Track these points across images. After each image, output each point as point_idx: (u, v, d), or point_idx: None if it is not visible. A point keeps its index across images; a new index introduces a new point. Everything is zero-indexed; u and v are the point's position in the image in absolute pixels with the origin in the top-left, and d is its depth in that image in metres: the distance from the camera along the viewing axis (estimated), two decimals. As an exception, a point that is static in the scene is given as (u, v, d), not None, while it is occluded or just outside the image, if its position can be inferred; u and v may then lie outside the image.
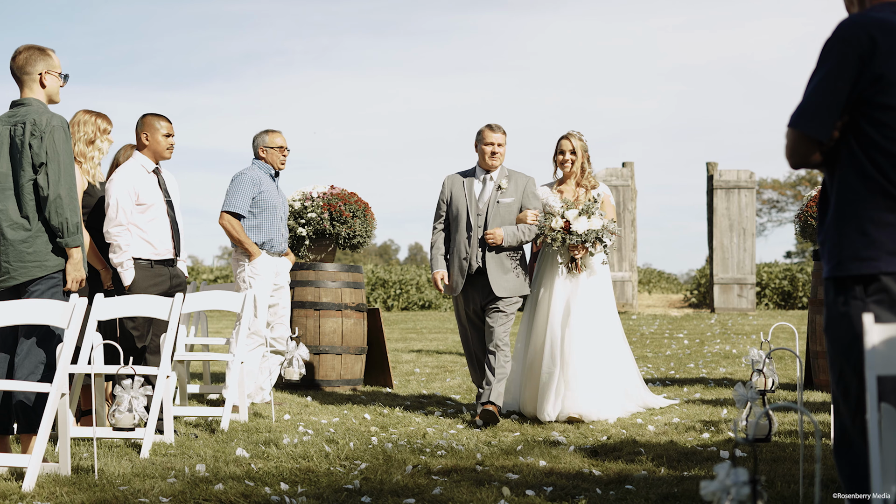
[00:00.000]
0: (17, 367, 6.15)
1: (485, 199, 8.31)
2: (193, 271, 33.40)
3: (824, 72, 3.46)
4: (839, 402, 3.46)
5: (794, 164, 3.54)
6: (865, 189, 3.41)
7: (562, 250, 8.26)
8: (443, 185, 8.51)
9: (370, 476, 5.91)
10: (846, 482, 3.42)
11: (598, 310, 8.36)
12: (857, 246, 3.40)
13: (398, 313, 27.55)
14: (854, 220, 3.42)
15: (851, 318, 3.36)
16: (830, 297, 3.47)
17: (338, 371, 10.40)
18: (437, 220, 8.51)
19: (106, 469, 5.99)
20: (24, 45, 6.52)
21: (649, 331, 18.05)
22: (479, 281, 8.27)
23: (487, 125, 8.35)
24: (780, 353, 12.80)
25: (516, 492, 5.52)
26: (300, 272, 10.35)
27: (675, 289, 33.98)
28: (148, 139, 7.73)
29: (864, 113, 3.43)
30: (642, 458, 6.46)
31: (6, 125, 6.37)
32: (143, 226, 7.59)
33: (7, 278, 6.27)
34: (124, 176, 7.60)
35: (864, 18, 3.46)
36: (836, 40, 3.46)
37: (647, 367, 12.30)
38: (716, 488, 3.05)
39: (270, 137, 9.17)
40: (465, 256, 8.26)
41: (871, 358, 3.13)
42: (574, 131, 8.51)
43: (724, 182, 23.19)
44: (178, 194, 7.96)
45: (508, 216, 8.30)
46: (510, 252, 8.28)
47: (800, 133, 3.47)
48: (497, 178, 8.34)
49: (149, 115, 7.79)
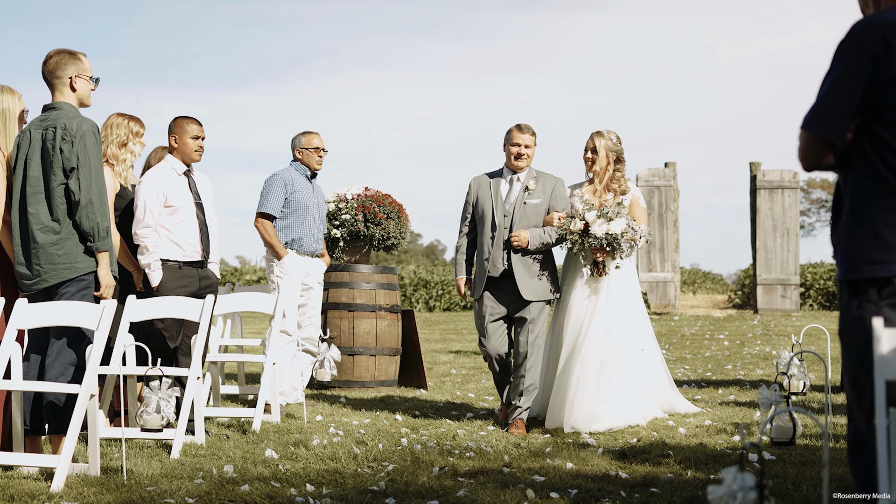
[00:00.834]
0: (48, 368, 6.22)
1: (511, 201, 8.06)
2: (237, 272, 33.62)
3: (837, 73, 3.43)
4: (853, 405, 3.43)
5: (807, 166, 3.52)
6: (879, 191, 3.38)
7: (584, 253, 7.97)
8: (469, 186, 8.29)
9: (396, 478, 5.93)
10: (859, 485, 3.39)
11: (621, 315, 8.03)
12: (870, 249, 3.37)
13: (440, 314, 27.57)
14: (867, 223, 3.39)
15: (865, 322, 3.34)
16: (844, 300, 3.44)
17: (372, 372, 10.43)
18: (464, 223, 8.30)
19: (135, 470, 6.04)
20: (55, 49, 6.59)
21: (690, 332, 17.96)
22: (506, 285, 8.02)
23: (516, 125, 8.10)
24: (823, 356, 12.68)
25: (540, 494, 5.51)
26: (334, 273, 10.40)
27: (720, 289, 33.81)
28: (177, 141, 7.80)
29: (878, 115, 3.40)
30: (670, 461, 6.43)
31: (38, 129, 6.44)
32: (171, 227, 7.66)
33: (39, 281, 6.34)
34: (153, 178, 7.69)
35: (879, 20, 3.43)
36: (850, 42, 3.43)
37: (684, 369, 12.22)
38: (722, 493, 3.04)
39: (307, 139, 9.28)
40: (486, 257, 8.02)
41: (881, 363, 3.10)
42: (605, 130, 8.18)
43: (768, 182, 23.02)
44: (210, 196, 8.01)
45: (535, 218, 8.05)
46: (537, 255, 8.02)
47: (813, 135, 3.44)
48: (525, 180, 8.09)
49: (178, 118, 7.85)
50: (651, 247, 23.20)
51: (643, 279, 23.22)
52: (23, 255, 6.38)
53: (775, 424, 5.05)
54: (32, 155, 6.41)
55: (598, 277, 7.96)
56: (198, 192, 7.84)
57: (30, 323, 6.15)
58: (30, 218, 6.35)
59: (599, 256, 7.90)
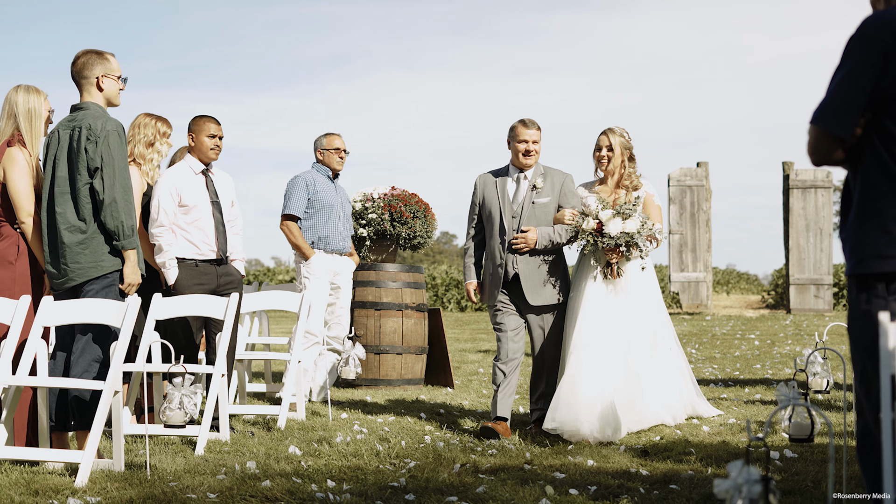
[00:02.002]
0: (73, 364, 6.30)
1: (519, 200, 7.68)
2: (270, 272, 33.77)
3: (848, 69, 3.43)
4: (862, 400, 3.44)
5: (816, 161, 3.52)
6: (888, 186, 3.38)
7: (597, 254, 7.60)
8: (475, 185, 7.88)
9: (417, 474, 5.96)
10: (869, 481, 3.39)
11: (642, 317, 7.67)
12: (879, 244, 3.37)
13: (471, 314, 27.57)
14: (876, 218, 3.40)
15: (873, 317, 3.34)
16: (853, 295, 3.45)
17: (398, 371, 10.48)
18: (471, 225, 7.92)
19: (159, 466, 6.10)
20: (83, 49, 6.66)
21: (721, 332, 17.88)
22: (515, 289, 7.65)
23: (520, 121, 7.72)
24: (845, 354, 12.60)
25: (560, 490, 5.52)
26: (361, 272, 10.45)
27: (755, 289, 33.65)
28: (195, 140, 7.87)
29: (887, 110, 3.40)
30: (691, 459, 6.44)
31: (66, 129, 6.52)
32: (186, 226, 7.73)
33: (66, 280, 6.42)
34: (168, 177, 7.78)
35: (889, 16, 3.43)
36: (861, 37, 3.43)
37: (712, 368, 12.19)
38: (728, 486, 3.05)
39: (328, 140, 9.43)
40: (499, 263, 7.63)
41: (888, 357, 3.10)
42: (616, 127, 7.86)
43: (801, 182, 22.89)
44: (231, 194, 8.03)
45: (545, 217, 7.67)
46: (546, 255, 7.65)
47: (822, 130, 3.45)
48: (532, 177, 7.71)
49: (196, 117, 7.93)
50: (683, 247, 23.13)
51: (675, 279, 23.15)
52: (50, 255, 6.46)
53: (793, 421, 5.04)
54: (60, 155, 6.49)
55: (613, 279, 7.58)
56: (216, 190, 7.89)
57: (55, 320, 6.23)
58: (57, 218, 6.43)
59: (613, 258, 7.53)
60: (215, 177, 7.95)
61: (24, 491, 5.41)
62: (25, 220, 6.54)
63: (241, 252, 8.06)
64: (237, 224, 8.01)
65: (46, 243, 6.47)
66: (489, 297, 7.75)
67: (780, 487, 5.42)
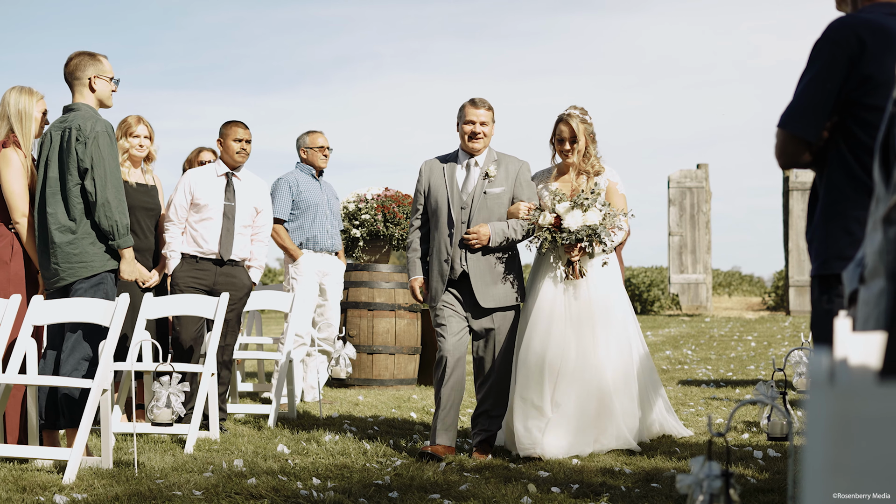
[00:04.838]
0: (62, 363, 6.35)
1: (469, 190, 6.85)
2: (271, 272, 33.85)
3: (814, 72, 3.49)
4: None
5: (784, 164, 3.58)
6: (852, 189, 3.44)
7: (556, 252, 6.77)
8: (420, 172, 7.04)
9: (402, 472, 6.01)
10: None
11: (599, 325, 6.76)
12: (841, 245, 3.43)
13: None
14: (840, 220, 3.45)
15: (834, 317, 3.39)
16: (815, 295, 3.50)
17: (391, 371, 10.53)
18: (415, 216, 7.04)
19: (147, 463, 6.16)
20: (76, 51, 6.72)
21: (719, 333, 17.92)
22: (463, 288, 6.82)
23: (470, 100, 6.90)
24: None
25: (542, 489, 5.57)
26: (354, 273, 10.52)
27: (757, 291, 33.65)
28: (222, 144, 8.01)
29: (853, 113, 3.46)
30: (676, 457, 6.48)
31: (57, 130, 6.58)
32: (195, 224, 7.86)
33: (57, 279, 6.49)
34: (187, 176, 8.01)
35: (854, 20, 3.49)
36: (826, 41, 3.49)
37: (705, 370, 12.23)
38: (690, 481, 3.10)
39: (311, 138, 9.45)
40: (446, 258, 6.79)
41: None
42: (574, 110, 6.98)
43: (801, 184, 22.92)
44: (255, 201, 8.07)
45: (498, 209, 6.83)
46: (500, 253, 6.82)
47: (789, 133, 3.50)
48: (484, 164, 6.89)
49: (226, 122, 8.07)
50: (683, 248, 23.17)
51: (674, 281, 23.20)
52: (42, 255, 6.53)
53: (771, 420, 5.09)
54: (52, 156, 6.55)
55: (575, 280, 6.75)
56: (235, 194, 7.96)
57: (44, 319, 6.29)
58: (48, 218, 6.49)
59: (574, 256, 6.70)
60: (245, 182, 8.04)
61: (11, 488, 5.46)
62: (20, 221, 6.60)
63: (262, 260, 8.12)
64: (262, 232, 8.11)
65: (38, 243, 6.54)
66: (433, 296, 6.88)
67: (761, 486, 5.47)
